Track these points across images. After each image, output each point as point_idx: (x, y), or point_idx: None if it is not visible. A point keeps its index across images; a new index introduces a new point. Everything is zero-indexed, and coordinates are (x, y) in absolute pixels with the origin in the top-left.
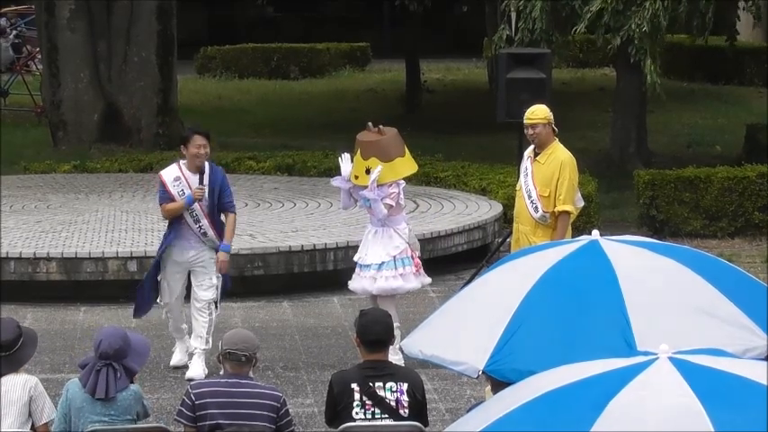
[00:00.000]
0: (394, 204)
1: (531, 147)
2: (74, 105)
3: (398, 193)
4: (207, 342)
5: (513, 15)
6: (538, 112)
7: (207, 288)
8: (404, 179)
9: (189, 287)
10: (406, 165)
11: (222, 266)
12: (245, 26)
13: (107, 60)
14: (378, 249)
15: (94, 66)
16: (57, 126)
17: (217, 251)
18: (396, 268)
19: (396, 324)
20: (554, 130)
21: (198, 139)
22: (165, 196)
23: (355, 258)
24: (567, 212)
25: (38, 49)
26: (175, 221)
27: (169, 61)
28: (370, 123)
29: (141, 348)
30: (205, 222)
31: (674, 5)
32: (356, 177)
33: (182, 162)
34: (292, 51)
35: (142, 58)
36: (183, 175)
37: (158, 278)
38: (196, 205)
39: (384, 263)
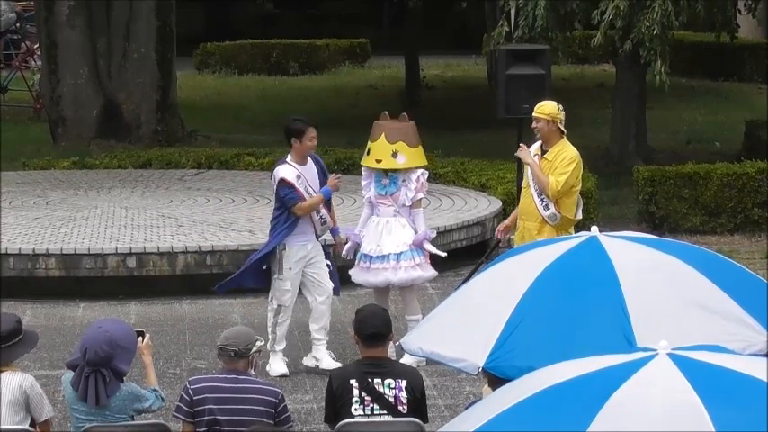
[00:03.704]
0: (424, 196)
1: (538, 144)
2: (73, 102)
3: (425, 185)
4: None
5: (513, 12)
6: (544, 108)
7: (329, 275)
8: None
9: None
10: (424, 155)
11: (340, 249)
12: (245, 22)
13: (106, 57)
14: (393, 239)
15: (94, 62)
16: (56, 122)
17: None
18: (413, 258)
19: (417, 317)
20: (561, 130)
21: (312, 132)
22: (295, 195)
23: (364, 251)
24: (557, 183)
25: (36, 46)
26: (297, 218)
27: (168, 57)
28: (386, 112)
29: (128, 343)
30: (324, 212)
31: (689, 4)
32: (378, 161)
33: (289, 159)
34: (291, 47)
35: (141, 55)
36: (299, 171)
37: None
38: None
39: (402, 252)
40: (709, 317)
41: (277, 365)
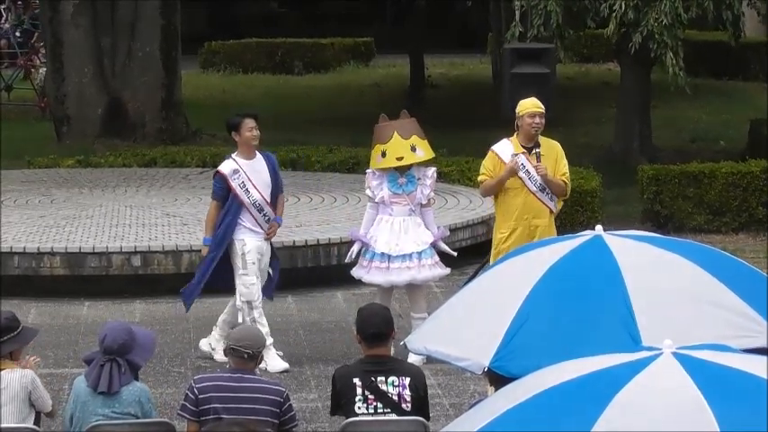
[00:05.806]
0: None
1: (510, 143)
2: (78, 100)
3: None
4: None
5: (517, 13)
6: (537, 102)
7: (266, 280)
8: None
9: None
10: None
11: (273, 233)
12: (249, 21)
13: (111, 55)
14: (412, 238)
15: (98, 61)
16: (61, 121)
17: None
18: (432, 256)
19: (424, 316)
20: None
21: (250, 122)
22: (219, 192)
23: (381, 250)
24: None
25: (41, 44)
26: (241, 214)
27: (173, 56)
28: (384, 115)
29: (147, 343)
30: (268, 209)
31: (698, 2)
32: (399, 159)
33: (234, 154)
34: (296, 46)
35: (146, 53)
36: (239, 166)
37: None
38: (258, 195)
39: (423, 251)
40: (713, 313)
41: (276, 362)
